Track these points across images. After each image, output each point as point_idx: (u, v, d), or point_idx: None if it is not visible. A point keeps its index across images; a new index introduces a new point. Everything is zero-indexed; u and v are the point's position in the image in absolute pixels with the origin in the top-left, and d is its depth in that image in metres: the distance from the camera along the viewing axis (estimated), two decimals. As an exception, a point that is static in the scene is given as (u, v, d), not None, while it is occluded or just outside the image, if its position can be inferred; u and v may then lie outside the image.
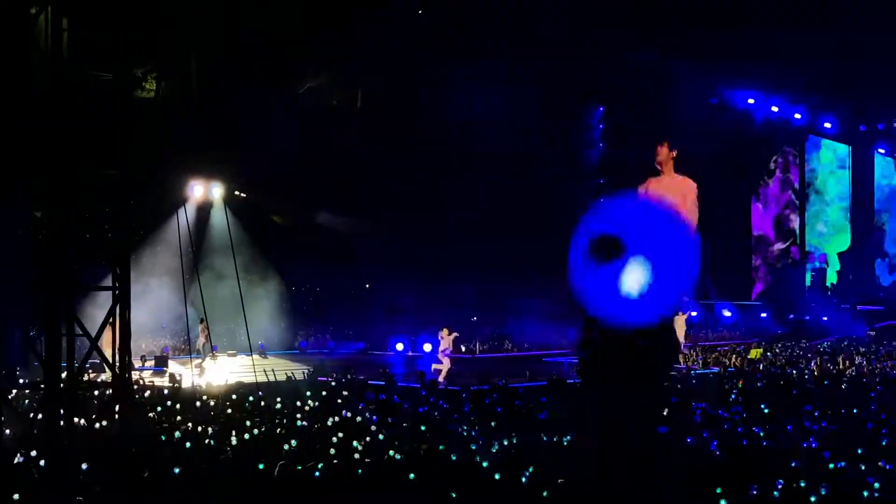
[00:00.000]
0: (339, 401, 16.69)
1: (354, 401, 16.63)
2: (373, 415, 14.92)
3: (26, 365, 18.15)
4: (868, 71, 32.24)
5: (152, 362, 25.80)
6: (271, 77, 30.74)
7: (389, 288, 36.35)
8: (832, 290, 38.95)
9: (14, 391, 15.42)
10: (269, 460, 10.64)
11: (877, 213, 40.70)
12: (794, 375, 21.75)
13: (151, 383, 19.72)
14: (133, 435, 12.12)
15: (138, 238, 25.63)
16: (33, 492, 9.81)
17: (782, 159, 39.78)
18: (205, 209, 32.59)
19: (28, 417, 12.40)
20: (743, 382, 19.48)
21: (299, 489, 10.01)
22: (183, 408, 15.66)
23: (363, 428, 13.62)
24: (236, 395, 17.07)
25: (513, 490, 9.92)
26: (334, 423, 13.90)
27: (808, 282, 39.12)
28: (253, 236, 33.98)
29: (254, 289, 29.54)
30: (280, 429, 13.50)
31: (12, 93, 11.86)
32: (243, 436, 12.78)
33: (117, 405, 12.71)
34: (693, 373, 23.25)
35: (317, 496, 9.96)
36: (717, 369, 24.69)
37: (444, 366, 23.41)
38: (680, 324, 31.21)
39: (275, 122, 32.16)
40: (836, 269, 39.95)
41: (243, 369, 22.67)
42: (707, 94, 38.17)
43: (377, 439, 12.61)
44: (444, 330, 23.88)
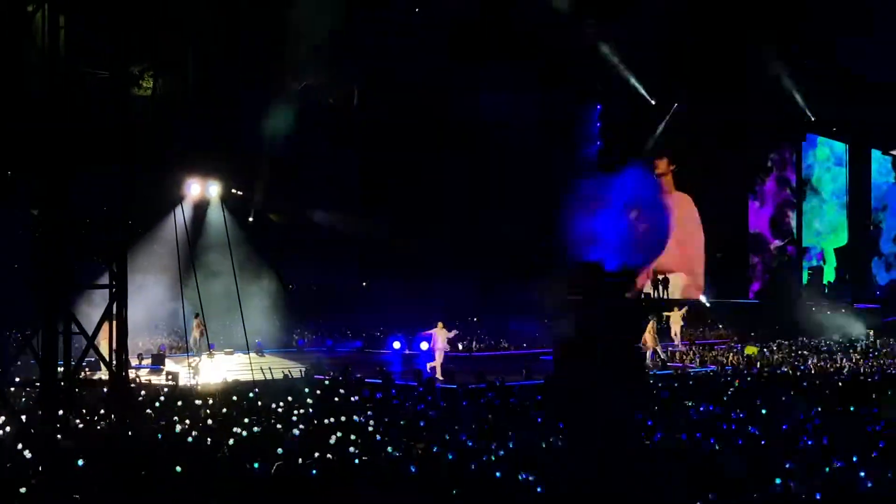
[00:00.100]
0: (336, 399, 16.68)
1: (352, 399, 16.62)
2: (370, 413, 14.90)
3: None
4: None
5: (149, 360, 25.73)
6: (268, 75, 30.70)
7: (387, 286, 36.31)
8: (829, 288, 38.93)
9: (11, 388, 15.38)
10: (266, 459, 10.63)
11: (873, 212, 40.72)
12: (790, 373, 21.78)
13: (148, 381, 19.68)
14: (130, 433, 12.11)
15: (135, 236, 25.59)
16: (30, 489, 9.79)
17: (779, 156, 39.74)
18: (201, 207, 32.55)
19: (24, 415, 12.39)
20: (740, 381, 19.48)
21: (296, 487, 10.00)
22: (180, 406, 15.62)
23: (360, 426, 13.61)
24: (233, 394, 17.03)
25: (511, 488, 9.92)
26: (331, 421, 13.89)
27: (804, 280, 39.09)
28: (250, 234, 33.95)
29: (250, 287, 29.48)
30: (277, 427, 13.48)
31: (10, 92, 11.84)
32: (241, 434, 12.76)
33: (114, 403, 12.69)
34: (691, 371, 23.24)
35: (314, 494, 9.95)
36: (714, 367, 24.69)
37: (437, 361, 23.45)
38: (676, 318, 31.23)
39: (272, 120, 32.12)
40: (834, 266, 39.94)
41: (240, 367, 22.64)
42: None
43: (374, 437, 12.60)
44: (440, 324, 23.94)
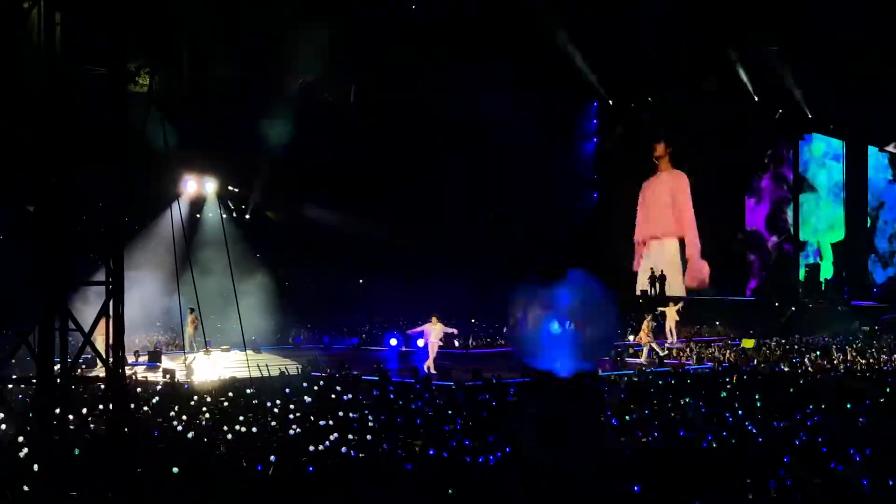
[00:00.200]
0: (332, 396, 16.66)
1: (348, 396, 16.60)
2: (367, 410, 14.89)
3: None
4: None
5: (146, 357, 25.71)
6: (266, 72, 30.68)
7: (384, 283, 36.31)
8: (826, 285, 38.91)
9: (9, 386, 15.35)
10: (263, 456, 10.61)
11: (870, 209, 40.72)
12: (788, 370, 21.78)
13: (145, 378, 19.64)
14: (127, 430, 12.09)
15: (132, 233, 25.58)
16: (28, 486, 9.78)
17: (775, 153, 39.69)
18: (198, 204, 32.53)
19: (20, 413, 12.36)
20: (737, 378, 19.47)
21: (293, 485, 9.99)
22: (176, 403, 15.60)
23: (357, 423, 13.60)
24: (229, 390, 17.02)
25: (508, 486, 9.92)
26: (328, 418, 13.87)
27: (801, 276, 39.07)
28: (246, 231, 33.93)
29: (247, 284, 29.44)
30: (274, 424, 13.47)
31: (6, 89, 11.80)
32: (238, 431, 12.74)
33: (111, 400, 12.66)
34: (688, 369, 23.22)
35: (311, 492, 9.94)
36: (710, 364, 24.68)
37: (430, 355, 23.47)
38: (671, 315, 31.24)
39: (269, 118, 32.10)
40: (831, 261, 39.92)
41: (237, 364, 22.61)
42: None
43: (371, 434, 12.59)
44: (434, 318, 23.96)
